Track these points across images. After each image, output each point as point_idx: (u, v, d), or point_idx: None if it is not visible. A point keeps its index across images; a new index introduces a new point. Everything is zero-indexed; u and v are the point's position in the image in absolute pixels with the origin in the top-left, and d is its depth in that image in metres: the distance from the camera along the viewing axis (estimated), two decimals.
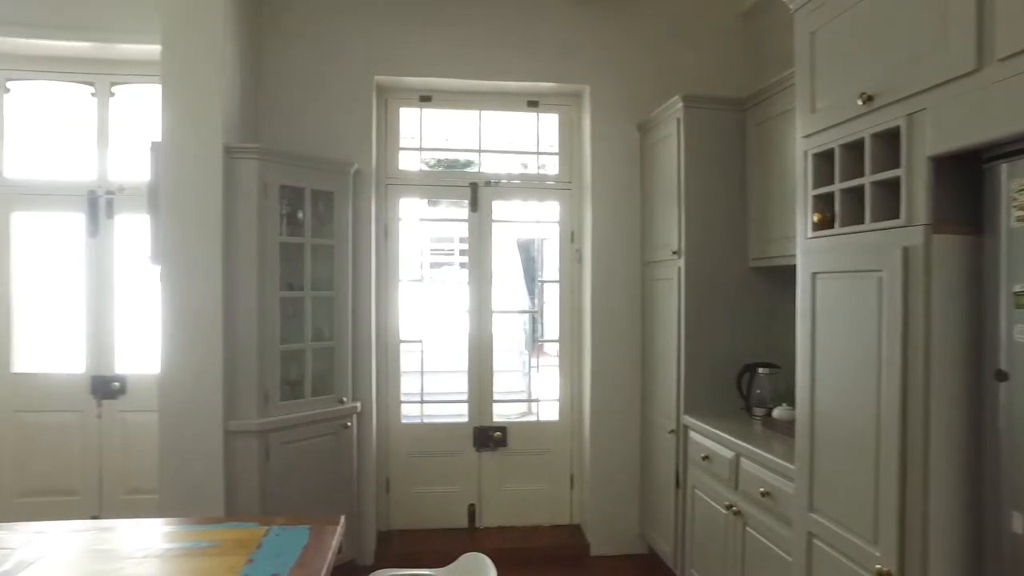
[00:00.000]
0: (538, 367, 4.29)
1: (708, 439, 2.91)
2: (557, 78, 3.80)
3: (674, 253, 3.26)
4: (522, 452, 4.00)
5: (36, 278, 3.80)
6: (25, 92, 3.80)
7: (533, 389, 5.81)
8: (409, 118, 3.97)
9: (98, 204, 3.74)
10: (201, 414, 3.00)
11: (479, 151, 4.03)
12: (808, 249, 2.11)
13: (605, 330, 3.80)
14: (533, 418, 4.23)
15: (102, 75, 3.78)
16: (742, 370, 3.10)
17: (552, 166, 4.12)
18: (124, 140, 3.80)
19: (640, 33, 3.80)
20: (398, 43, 3.67)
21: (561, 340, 4.07)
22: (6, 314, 3.73)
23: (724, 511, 2.72)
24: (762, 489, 2.41)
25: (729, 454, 2.70)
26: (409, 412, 3.96)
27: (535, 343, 4.65)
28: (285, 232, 3.20)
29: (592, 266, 3.80)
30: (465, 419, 3.96)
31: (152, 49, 3.44)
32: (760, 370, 3.05)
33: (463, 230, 4.10)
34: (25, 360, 3.78)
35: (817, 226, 2.05)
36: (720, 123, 3.20)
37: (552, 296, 4.21)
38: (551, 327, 4.28)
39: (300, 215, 3.25)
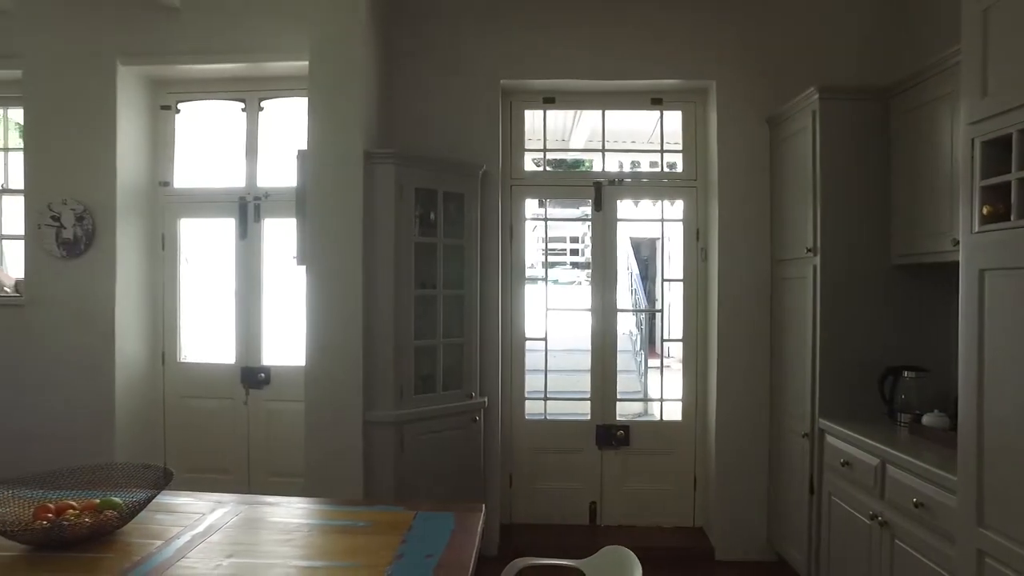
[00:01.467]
0: (660, 367, 4.24)
1: (848, 444, 2.78)
2: (682, 74, 3.76)
3: (808, 251, 3.14)
4: (644, 451, 3.99)
5: (198, 278, 4.20)
6: (190, 111, 4.20)
7: (649, 389, 5.79)
8: (532, 119, 4.05)
9: (247, 209, 4.07)
10: (342, 405, 3.21)
11: (602, 150, 4.04)
12: (975, 244, 1.98)
13: (732, 330, 3.72)
14: (653, 418, 4.20)
15: (252, 92, 4.11)
16: (884, 373, 2.94)
17: (676, 164, 4.07)
18: (270, 150, 4.12)
19: (769, 23, 3.69)
20: (523, 47, 3.76)
21: (685, 340, 4.02)
22: (174, 310, 4.15)
23: (868, 521, 2.59)
24: (915, 500, 2.28)
25: (873, 461, 2.57)
26: (532, 409, 4.04)
27: (650, 343, 4.62)
28: (418, 233, 3.36)
29: (719, 264, 3.73)
30: (587, 417, 4.00)
31: (297, 65, 3.73)
32: (905, 373, 2.87)
33: (575, 230, 4.13)
34: (189, 351, 4.19)
35: (986, 219, 1.92)
36: (860, 113, 3.05)
37: (675, 295, 4.16)
38: (673, 327, 4.24)
39: (432, 216, 3.41)
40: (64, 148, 3.91)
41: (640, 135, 4.93)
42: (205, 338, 4.22)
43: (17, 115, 4.20)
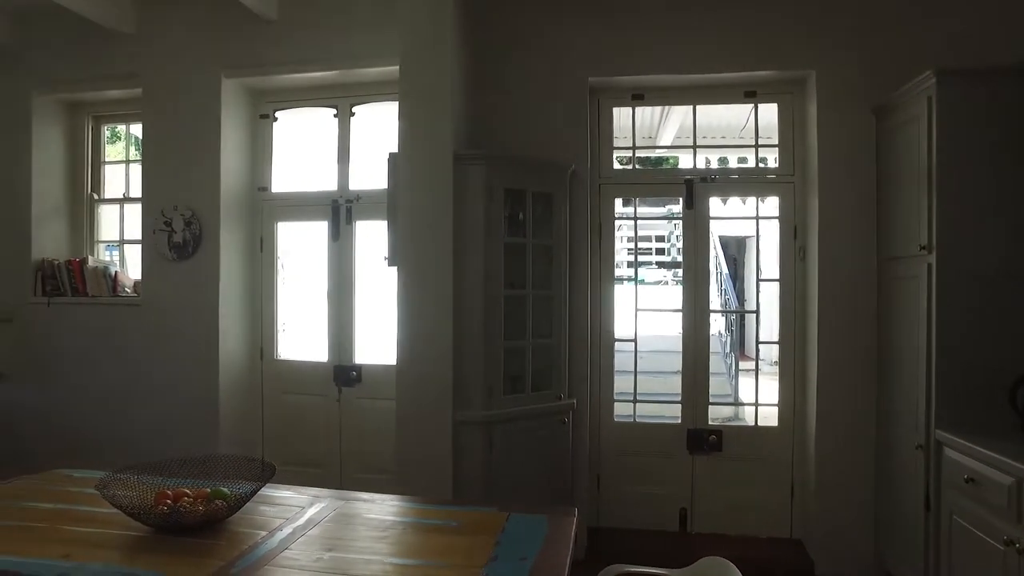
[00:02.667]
0: (754, 370, 4.06)
1: (974, 459, 2.55)
2: (779, 65, 3.59)
3: (921, 248, 2.92)
4: (738, 457, 3.83)
5: (293, 278, 4.37)
6: (286, 119, 4.38)
7: (740, 392, 5.57)
8: (619, 117, 3.97)
9: (340, 212, 4.20)
10: (432, 404, 3.24)
11: (694, 147, 3.92)
12: None
13: (833, 332, 3.51)
14: (746, 423, 4.04)
15: (344, 98, 4.25)
16: (1016, 382, 2.69)
17: (768, 159, 3.90)
18: (361, 154, 4.24)
19: (876, 5, 3.46)
20: (611, 44, 3.69)
21: (781, 342, 3.84)
22: (271, 309, 4.34)
23: (1001, 547, 2.36)
24: None
25: (1007, 480, 2.34)
26: (621, 411, 3.96)
27: (740, 345, 4.44)
28: (507, 233, 3.35)
29: (819, 263, 3.53)
30: (677, 420, 3.88)
31: (387, 71, 3.82)
32: None
33: (661, 228, 4.03)
34: (285, 348, 4.37)
35: None
36: (986, 96, 2.79)
37: (769, 296, 3.98)
38: (767, 328, 4.05)
39: (521, 216, 3.39)
40: (175, 158, 4.17)
41: (730, 130, 4.75)
42: (300, 336, 4.38)
43: (137, 130, 4.51)
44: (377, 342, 4.12)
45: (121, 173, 4.74)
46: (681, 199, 3.86)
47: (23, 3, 4.22)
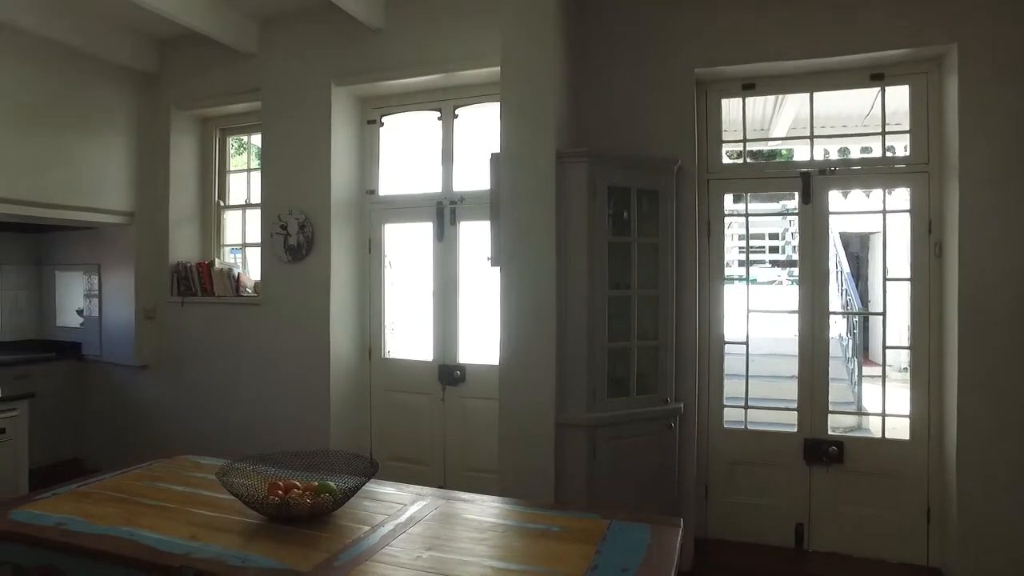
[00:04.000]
0: (881, 377, 3.72)
1: None
2: (911, 41, 3.26)
3: None
4: (862, 472, 3.52)
5: (399, 279, 4.49)
6: (391, 123, 4.51)
7: (864, 400, 5.15)
8: (728, 109, 3.78)
9: (444, 213, 4.27)
10: (535, 405, 3.20)
11: (810, 137, 3.65)
12: None
13: (979, 336, 3.16)
14: (871, 434, 3.71)
15: (448, 100, 4.31)
16: None
17: (896, 147, 3.56)
18: (465, 155, 4.28)
19: None
20: (720, 32, 3.52)
21: (913, 347, 3.50)
22: (379, 309, 4.49)
23: None
24: None
25: None
26: (731, 416, 3.76)
27: (864, 349, 4.09)
28: (612, 232, 3.27)
29: (959, 260, 3.19)
30: (794, 429, 3.63)
31: (488, 72, 3.85)
32: None
33: (774, 225, 3.77)
34: (392, 347, 4.50)
35: None
36: None
37: (897, 296, 3.64)
38: (896, 332, 3.71)
39: (626, 215, 3.30)
40: (290, 165, 4.41)
41: (852, 118, 4.41)
42: (406, 336, 4.49)
43: (257, 140, 4.81)
44: (480, 342, 4.15)
45: (244, 181, 5.07)
46: (797, 193, 3.61)
47: (166, 32, 4.64)
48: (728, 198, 3.80)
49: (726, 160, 3.78)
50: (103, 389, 5.16)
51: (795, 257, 3.70)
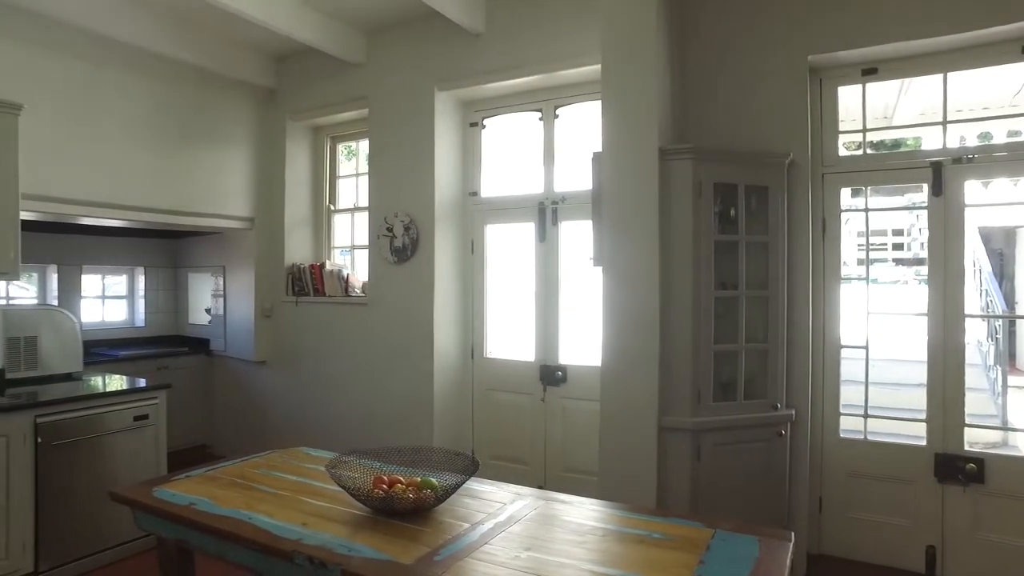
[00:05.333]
0: None
1: None
2: None
3: None
4: (1008, 494, 3.17)
5: (501, 279, 4.53)
6: (493, 125, 4.57)
7: (1009, 414, 4.65)
8: (846, 97, 3.53)
9: (545, 213, 4.26)
10: (637, 408, 3.14)
11: (943, 123, 3.33)
12: None
13: None
14: (1018, 451, 3.34)
15: (548, 100, 4.31)
16: None
17: None
18: (566, 155, 4.26)
19: None
20: (835, 14, 3.29)
21: None
22: (481, 309, 4.55)
23: None
24: None
25: None
26: (849, 426, 3.51)
27: (1010, 357, 3.68)
28: (718, 230, 3.15)
29: None
30: (922, 442, 3.33)
31: (589, 70, 3.82)
32: None
33: (898, 221, 3.47)
34: (493, 347, 4.55)
35: None
36: None
37: None
38: None
39: (733, 212, 3.17)
40: (396, 169, 4.56)
41: (994, 99, 3.98)
42: (508, 336, 4.53)
43: (365, 146, 5.02)
44: (582, 343, 4.13)
45: (352, 185, 5.30)
46: (926, 185, 3.32)
47: (282, 48, 4.95)
48: (845, 192, 3.55)
49: (843, 152, 3.54)
50: (227, 382, 5.57)
51: (923, 255, 3.40)
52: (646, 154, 3.10)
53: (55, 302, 5.13)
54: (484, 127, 4.57)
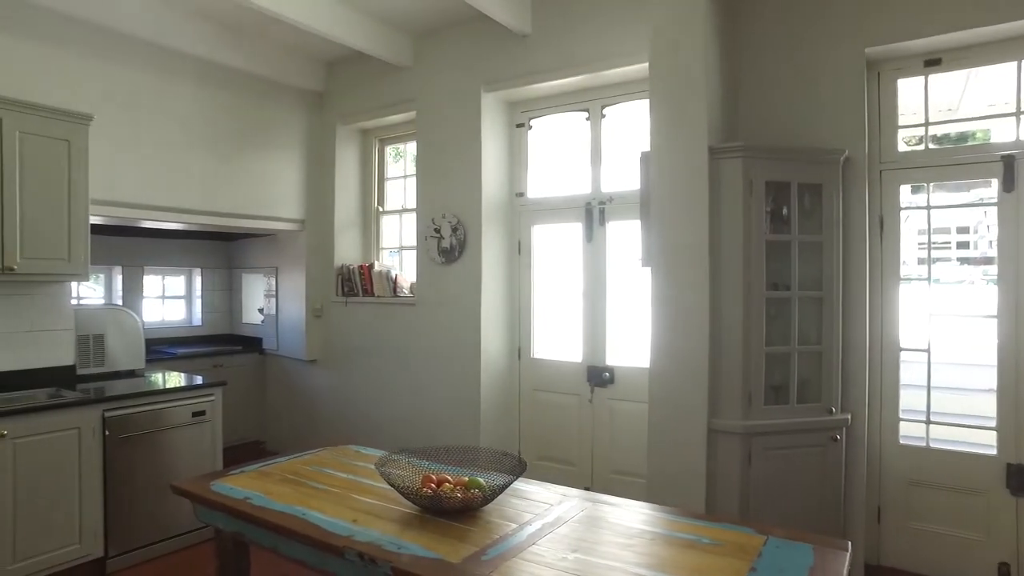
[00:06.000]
0: None
1: None
2: None
3: None
4: None
5: (548, 279, 4.52)
6: (539, 126, 4.56)
7: None
8: (907, 90, 3.40)
9: (593, 214, 4.24)
10: (686, 410, 3.09)
11: (1017, 113, 3.16)
12: None
13: None
14: None
15: (595, 100, 4.28)
16: None
17: None
18: (613, 155, 4.23)
19: None
20: (895, 3, 3.16)
21: None
22: (528, 310, 4.55)
23: None
24: None
25: None
26: (910, 432, 3.37)
27: None
28: (770, 229, 3.07)
29: None
30: (992, 451, 3.17)
31: (636, 69, 3.78)
32: None
33: (962, 218, 3.31)
34: (540, 348, 4.54)
35: None
36: None
37: None
38: None
39: (785, 211, 3.09)
40: (443, 171, 4.60)
41: None
42: (555, 336, 4.51)
43: (412, 148, 5.08)
44: (630, 344, 4.09)
45: (400, 187, 5.37)
46: (995, 181, 3.16)
47: (331, 54, 5.05)
48: (905, 189, 3.41)
49: (903, 148, 3.40)
50: (279, 380, 5.71)
51: (992, 253, 3.24)
52: (695, 153, 3.05)
53: (120, 302, 5.37)
54: (531, 128, 4.57)
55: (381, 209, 5.43)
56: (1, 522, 3.03)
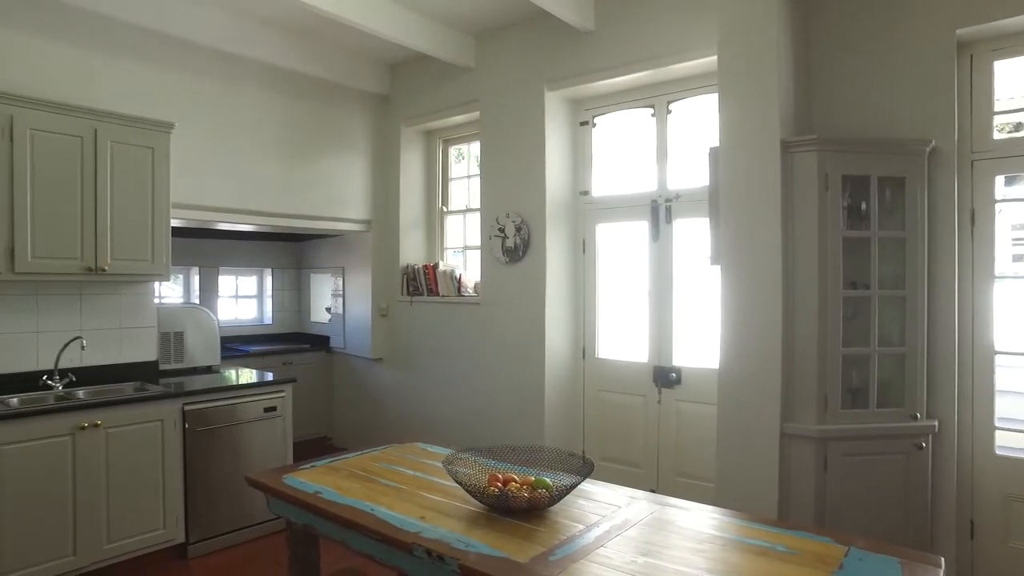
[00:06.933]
0: None
1: None
2: None
3: None
4: None
5: (613, 279, 4.46)
6: (603, 123, 4.51)
7: None
8: (1004, 73, 3.17)
9: (659, 211, 4.15)
10: (757, 413, 2.99)
11: None
12: None
13: None
14: None
15: (660, 96, 4.19)
16: None
17: None
18: (679, 151, 4.13)
19: None
20: None
21: None
22: (592, 309, 4.50)
23: None
24: None
25: None
26: (1007, 442, 3.15)
27: None
28: (847, 226, 2.93)
29: None
30: None
31: (703, 63, 3.69)
32: None
33: None
34: (605, 348, 4.48)
35: None
36: None
37: None
38: None
39: (864, 206, 2.94)
40: (507, 170, 4.60)
41: None
42: (619, 336, 4.45)
43: (476, 149, 5.11)
44: (697, 344, 3.99)
45: (463, 187, 5.41)
46: None
47: (395, 57, 5.14)
48: (999, 181, 3.19)
49: (997, 136, 3.18)
50: (346, 377, 5.85)
51: None
52: (767, 147, 2.95)
53: (197, 301, 5.61)
54: (595, 125, 4.52)
55: (445, 209, 5.48)
56: (96, 505, 3.23)
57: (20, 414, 3.00)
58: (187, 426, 3.56)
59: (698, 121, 4.03)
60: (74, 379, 3.60)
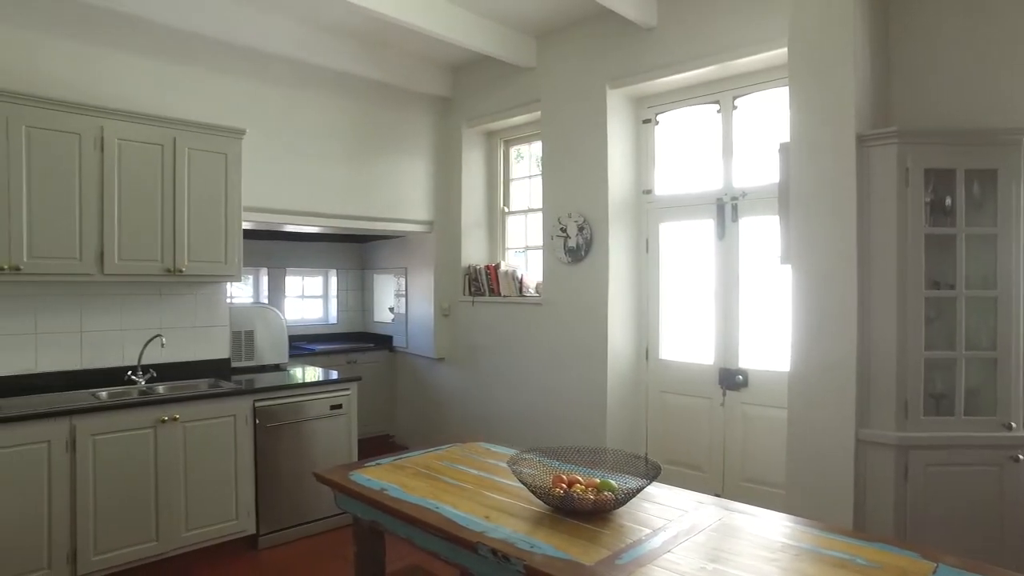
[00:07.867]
0: None
1: None
2: None
3: None
4: None
5: (676, 279, 4.37)
6: (666, 121, 4.42)
7: None
8: None
9: (724, 210, 4.04)
10: (831, 417, 2.87)
11: None
12: None
13: None
14: None
15: (726, 91, 4.08)
16: None
17: None
18: (746, 148, 4.01)
19: None
20: None
21: None
22: (656, 309, 4.43)
23: None
24: None
25: None
26: None
27: None
28: (929, 222, 2.78)
29: None
30: None
31: (770, 56, 3.58)
32: None
33: None
34: (668, 349, 4.40)
35: None
36: None
37: None
38: None
39: (948, 201, 2.78)
40: (568, 170, 4.57)
41: None
42: (682, 337, 4.35)
43: (537, 149, 5.11)
44: (765, 346, 3.87)
45: (525, 187, 5.41)
46: None
47: (457, 59, 5.18)
48: None
49: None
50: (408, 376, 5.94)
51: None
52: (842, 141, 2.83)
53: (266, 301, 5.81)
54: (657, 123, 4.44)
55: (506, 210, 5.50)
56: (176, 494, 3.39)
57: (109, 407, 3.19)
58: (257, 422, 3.68)
59: (765, 116, 3.90)
60: (155, 375, 3.79)
